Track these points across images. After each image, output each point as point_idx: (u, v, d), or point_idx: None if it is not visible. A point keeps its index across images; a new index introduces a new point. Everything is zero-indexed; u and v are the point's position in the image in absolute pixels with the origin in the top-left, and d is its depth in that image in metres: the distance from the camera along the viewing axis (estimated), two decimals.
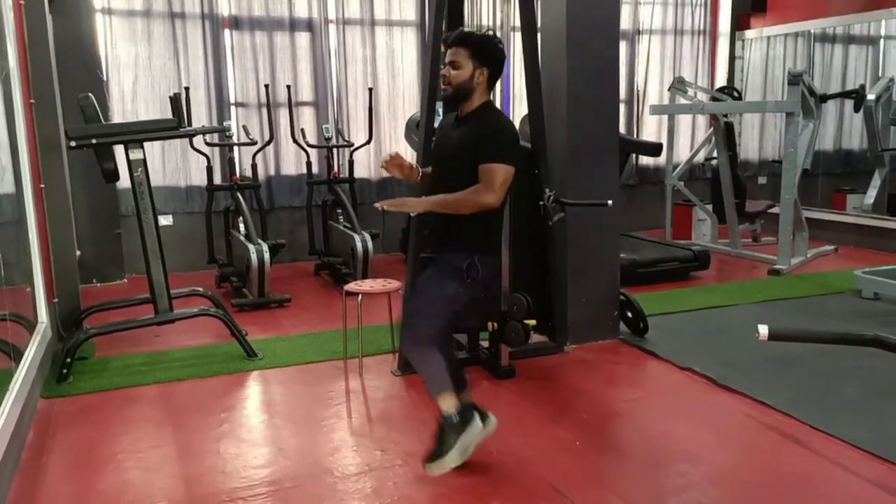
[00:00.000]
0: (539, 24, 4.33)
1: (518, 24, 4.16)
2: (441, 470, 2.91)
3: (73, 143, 4.07)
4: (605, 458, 3.26)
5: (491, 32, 3.02)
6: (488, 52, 2.85)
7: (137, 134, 4.27)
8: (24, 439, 3.33)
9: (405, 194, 6.78)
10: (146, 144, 4.34)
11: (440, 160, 3.03)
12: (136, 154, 4.20)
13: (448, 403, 2.93)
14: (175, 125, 4.44)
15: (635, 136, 8.57)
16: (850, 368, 4.10)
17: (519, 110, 5.42)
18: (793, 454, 3.19)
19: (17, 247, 4.04)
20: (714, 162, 7.74)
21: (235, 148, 6.33)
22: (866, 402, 3.70)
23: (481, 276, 2.85)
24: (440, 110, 4.24)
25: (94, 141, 4.11)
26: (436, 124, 4.16)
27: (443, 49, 2.94)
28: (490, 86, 2.91)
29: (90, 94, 4.30)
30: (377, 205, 2.78)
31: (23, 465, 3.15)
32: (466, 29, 3.62)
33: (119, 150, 4.33)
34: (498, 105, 4.19)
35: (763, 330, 2.38)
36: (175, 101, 4.82)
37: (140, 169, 4.26)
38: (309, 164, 6.72)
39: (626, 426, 3.61)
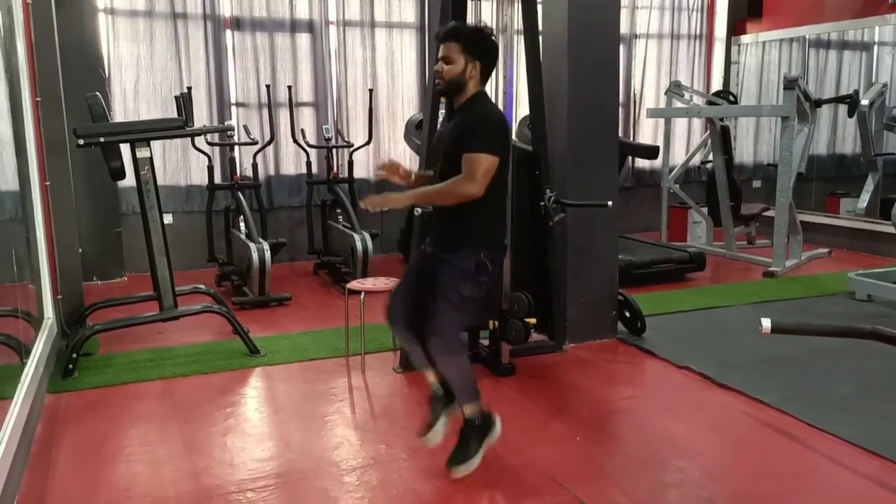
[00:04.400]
0: (541, 28, 4.39)
1: (521, 27, 4.23)
2: (467, 472, 2.97)
3: (81, 142, 4.11)
4: (605, 454, 3.32)
5: (483, 25, 3.00)
6: (480, 46, 2.83)
7: (144, 133, 4.32)
8: (32, 433, 3.37)
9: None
10: None
11: (440, 155, 3.01)
12: (143, 153, 4.25)
13: (474, 409, 2.98)
14: (182, 124, 4.49)
15: (632, 139, 8.65)
16: (843, 368, 4.18)
17: (521, 112, 5.49)
18: (788, 450, 3.27)
19: (26, 244, 4.08)
20: (710, 165, 7.83)
21: (236, 147, 6.37)
22: (859, 400, 3.78)
23: (492, 272, 2.86)
24: (443, 112, 4.29)
25: (101, 139, 4.16)
26: (439, 126, 4.23)
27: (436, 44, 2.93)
28: (483, 79, 2.88)
29: (98, 94, 4.34)
30: (361, 204, 2.78)
31: (32, 459, 3.19)
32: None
33: (124, 149, 4.38)
34: (501, 108, 4.25)
35: (766, 323, 2.46)
36: (181, 100, 4.86)
37: (147, 167, 4.31)
38: (309, 164, 6.77)
39: (625, 423, 3.67)
